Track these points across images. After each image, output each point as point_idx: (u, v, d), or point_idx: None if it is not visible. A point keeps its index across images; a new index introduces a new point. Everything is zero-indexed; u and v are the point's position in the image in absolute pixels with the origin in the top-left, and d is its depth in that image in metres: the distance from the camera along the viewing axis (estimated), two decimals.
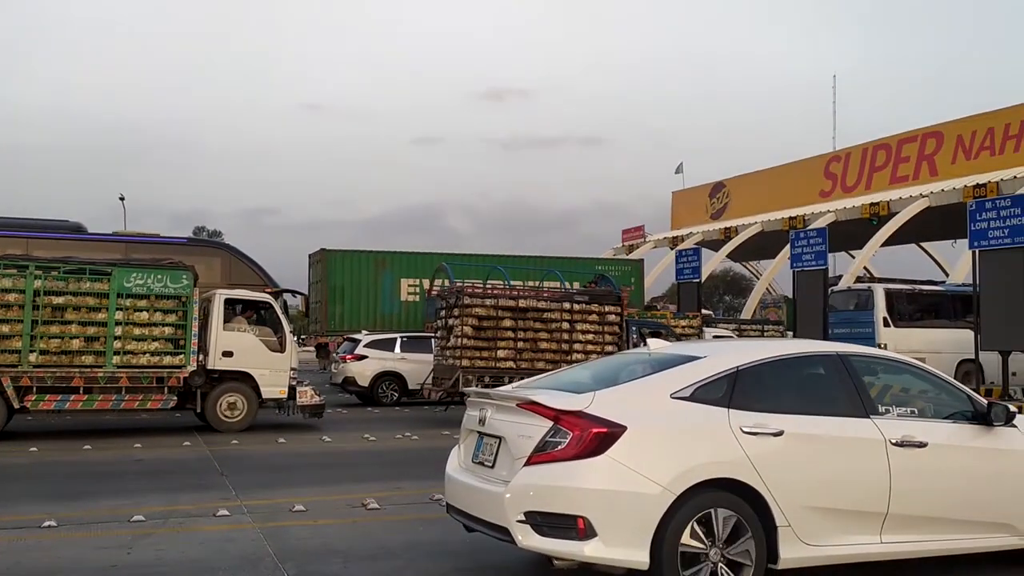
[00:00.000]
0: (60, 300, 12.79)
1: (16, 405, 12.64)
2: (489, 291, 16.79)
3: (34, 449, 11.77)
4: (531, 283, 23.95)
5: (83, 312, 12.84)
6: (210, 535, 6.92)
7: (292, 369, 14.53)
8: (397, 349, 19.74)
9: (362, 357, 19.40)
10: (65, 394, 12.86)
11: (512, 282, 22.15)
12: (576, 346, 16.00)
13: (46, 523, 7.00)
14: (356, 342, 20.05)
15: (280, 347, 14.47)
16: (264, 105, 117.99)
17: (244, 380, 14.21)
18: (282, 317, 14.88)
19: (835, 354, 5.65)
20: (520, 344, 15.83)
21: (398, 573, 5.87)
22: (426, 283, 26.36)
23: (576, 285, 22.23)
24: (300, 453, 12.13)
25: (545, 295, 17.00)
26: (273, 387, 14.33)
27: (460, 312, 15.66)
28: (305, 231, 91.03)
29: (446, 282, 24.67)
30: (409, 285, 28.25)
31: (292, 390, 14.46)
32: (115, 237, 17.23)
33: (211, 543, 6.64)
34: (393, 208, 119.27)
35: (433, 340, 17.63)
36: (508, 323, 15.81)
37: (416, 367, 19.34)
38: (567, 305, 16.27)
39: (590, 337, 16.24)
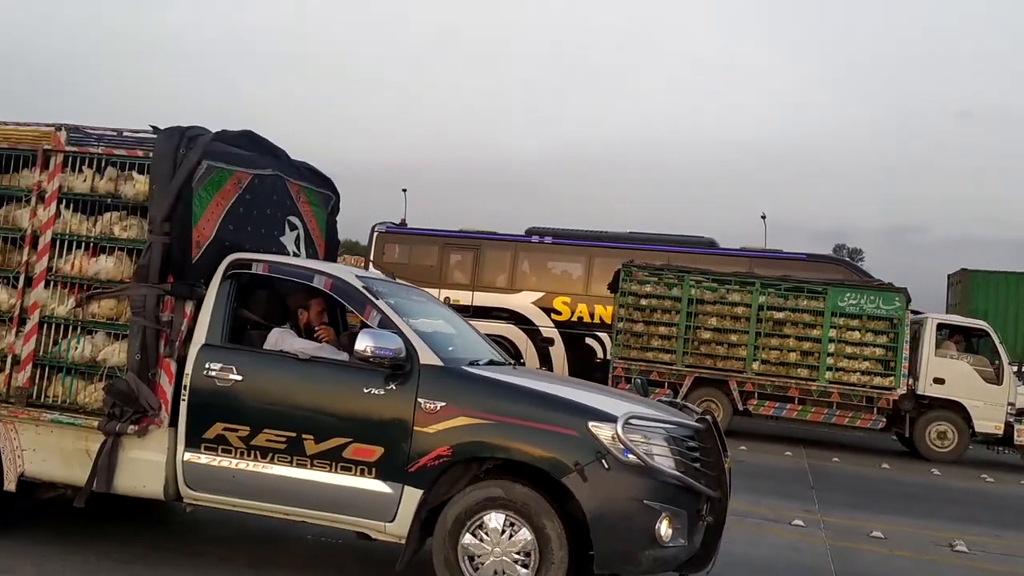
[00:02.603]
0: (780, 315, 13.91)
1: (740, 407, 14.21)
2: None
3: None
4: None
5: (799, 328, 13.79)
6: (779, 540, 7.03)
7: (1009, 404, 13.44)
8: None
9: None
10: (782, 402, 13.99)
11: None
12: None
13: None
14: None
15: (996, 378, 13.54)
16: (913, 115, 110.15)
17: (955, 410, 13.60)
18: (1000, 346, 13.84)
19: None
20: None
21: None
22: None
23: None
24: (899, 481, 11.46)
25: None
26: (987, 421, 13.46)
27: None
28: (951, 250, 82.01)
29: None
30: None
31: (1009, 427, 13.44)
32: (741, 252, 18.01)
33: (777, 547, 6.75)
34: None
35: None
36: None
37: None
38: None
39: None
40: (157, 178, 4.85)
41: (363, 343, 4.43)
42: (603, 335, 16.58)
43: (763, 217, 40.85)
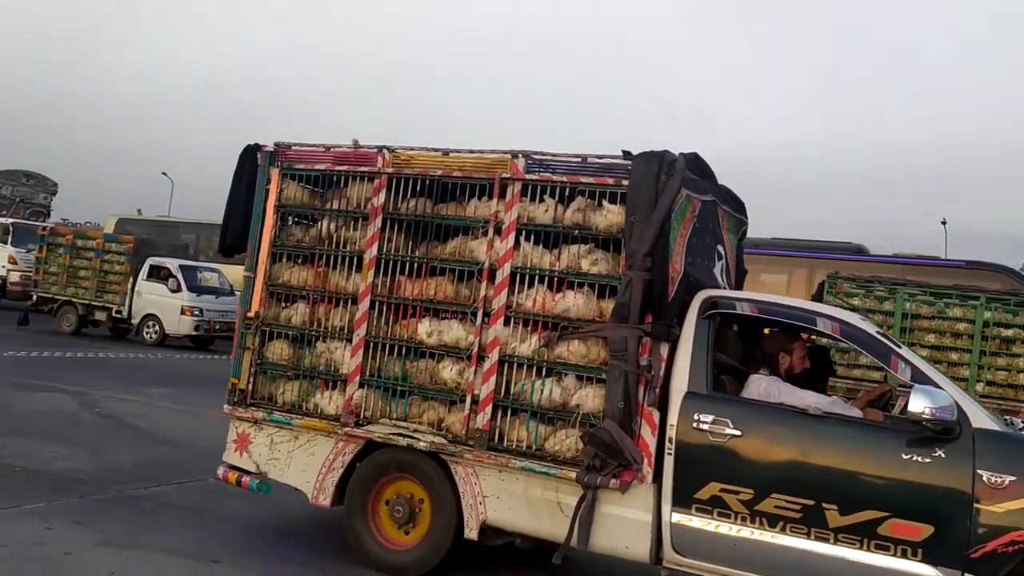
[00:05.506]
0: (1009, 332, 12.42)
1: None
2: None
3: None
4: None
5: None
6: None
7: None
8: None
9: None
10: None
11: None
12: None
13: None
14: None
15: None
16: None
17: None
18: None
19: None
20: None
21: None
22: None
23: None
24: None
25: None
26: None
27: None
28: None
29: None
30: None
31: None
32: (893, 259, 16.44)
33: None
34: None
35: None
36: None
37: None
38: None
39: None
40: (637, 208, 4.43)
41: (920, 404, 3.79)
42: None
43: (943, 223, 36.98)
